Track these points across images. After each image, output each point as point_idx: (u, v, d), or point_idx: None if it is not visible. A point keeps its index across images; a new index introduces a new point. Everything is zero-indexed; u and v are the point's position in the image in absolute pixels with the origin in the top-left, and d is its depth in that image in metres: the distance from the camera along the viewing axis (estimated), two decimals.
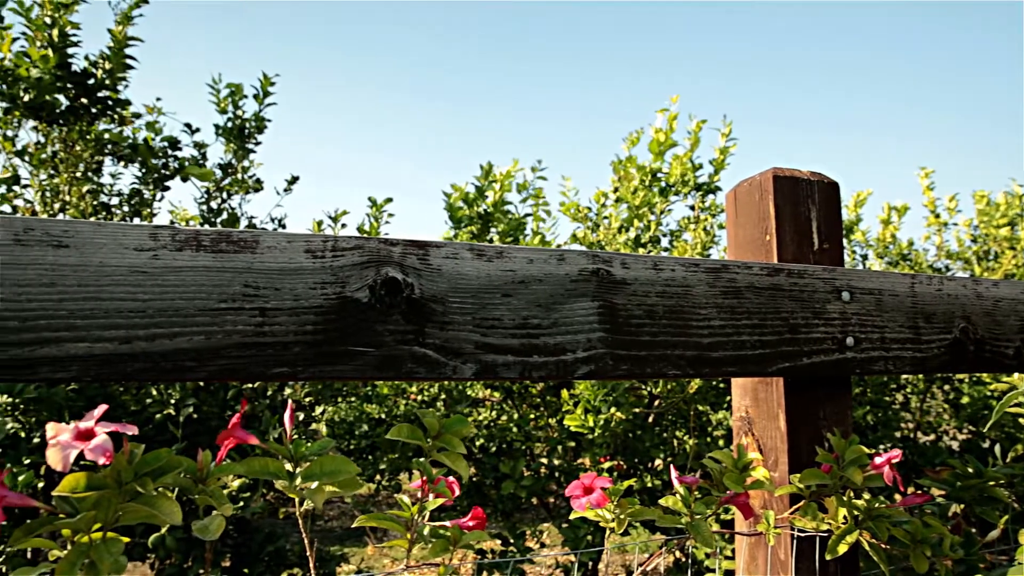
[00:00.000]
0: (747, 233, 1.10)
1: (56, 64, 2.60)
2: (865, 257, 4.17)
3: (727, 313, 0.90)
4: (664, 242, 3.34)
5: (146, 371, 0.63)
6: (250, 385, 2.78)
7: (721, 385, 3.05)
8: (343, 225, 3.06)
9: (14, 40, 2.76)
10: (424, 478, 0.75)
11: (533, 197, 3.26)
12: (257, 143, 3.26)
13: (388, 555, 6.11)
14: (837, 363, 0.97)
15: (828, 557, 0.91)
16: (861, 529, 0.92)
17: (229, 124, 3.25)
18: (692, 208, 3.28)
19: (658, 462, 3.33)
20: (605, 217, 3.42)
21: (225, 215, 2.97)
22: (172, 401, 2.45)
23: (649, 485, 3.17)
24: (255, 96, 3.28)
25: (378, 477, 4.08)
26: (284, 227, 3.37)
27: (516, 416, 3.32)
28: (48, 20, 2.64)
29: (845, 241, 3.88)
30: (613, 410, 2.82)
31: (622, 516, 0.90)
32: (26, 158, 2.54)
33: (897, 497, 1.04)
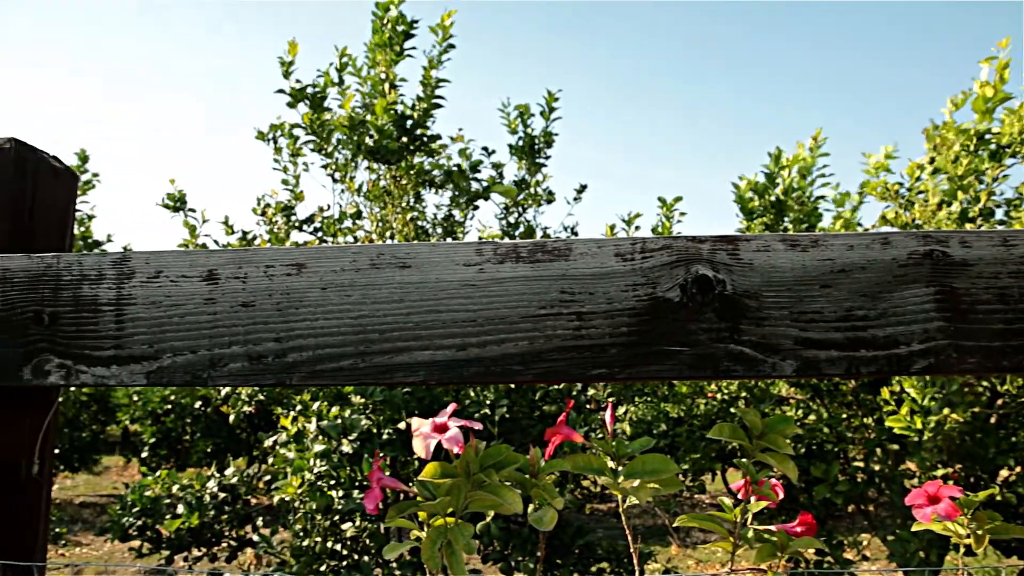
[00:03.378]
0: None
1: (387, 111, 3.00)
2: None
3: None
4: (999, 213, 2.87)
5: (480, 375, 0.69)
6: (557, 387, 2.94)
7: None
8: (636, 228, 3.10)
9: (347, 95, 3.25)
10: (746, 479, 0.73)
11: (821, 176, 3.01)
12: (547, 157, 3.44)
13: (692, 556, 6.04)
14: None
15: None
16: None
17: (520, 142, 3.47)
18: None
19: (1004, 471, 2.86)
20: (920, 192, 3.03)
21: (522, 228, 3.19)
22: (487, 402, 2.68)
23: (999, 499, 2.73)
24: (541, 113, 3.47)
25: (680, 477, 4.05)
26: (577, 234, 3.51)
27: (826, 415, 3.08)
28: (382, 75, 3.06)
29: None
30: (946, 411, 2.48)
31: (979, 532, 0.79)
32: (362, 195, 2.97)
33: None
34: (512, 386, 2.87)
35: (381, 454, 2.29)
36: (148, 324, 0.77)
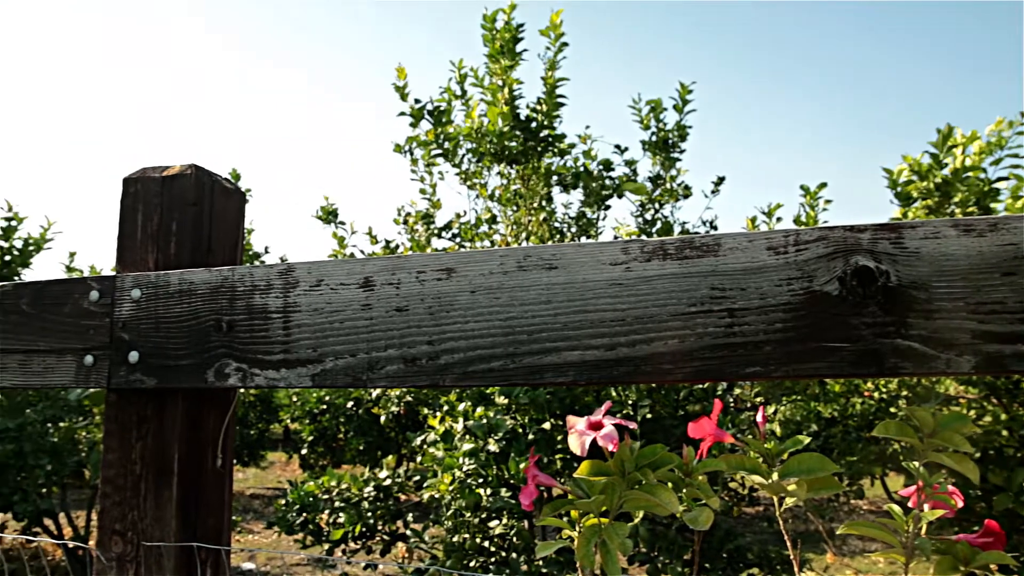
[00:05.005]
0: None
1: (508, 116, 3.06)
2: None
3: None
4: None
5: (629, 374, 0.69)
6: (701, 386, 2.86)
7: None
8: (778, 219, 2.97)
9: (466, 104, 3.33)
10: (918, 483, 0.68)
11: (1014, 156, 2.74)
12: (681, 151, 3.36)
13: (850, 566, 5.68)
14: None
15: None
16: None
17: (653, 138, 3.42)
18: None
19: None
20: None
21: (659, 224, 3.13)
22: (629, 402, 2.65)
23: None
24: (674, 107, 3.39)
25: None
26: (716, 228, 3.40)
27: (1004, 417, 2.81)
28: (499, 82, 3.12)
29: None
30: None
31: None
32: (495, 200, 3.03)
33: None
34: (654, 385, 2.83)
35: (527, 453, 2.32)
36: (312, 330, 0.82)
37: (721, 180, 3.50)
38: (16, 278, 4.89)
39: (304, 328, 0.82)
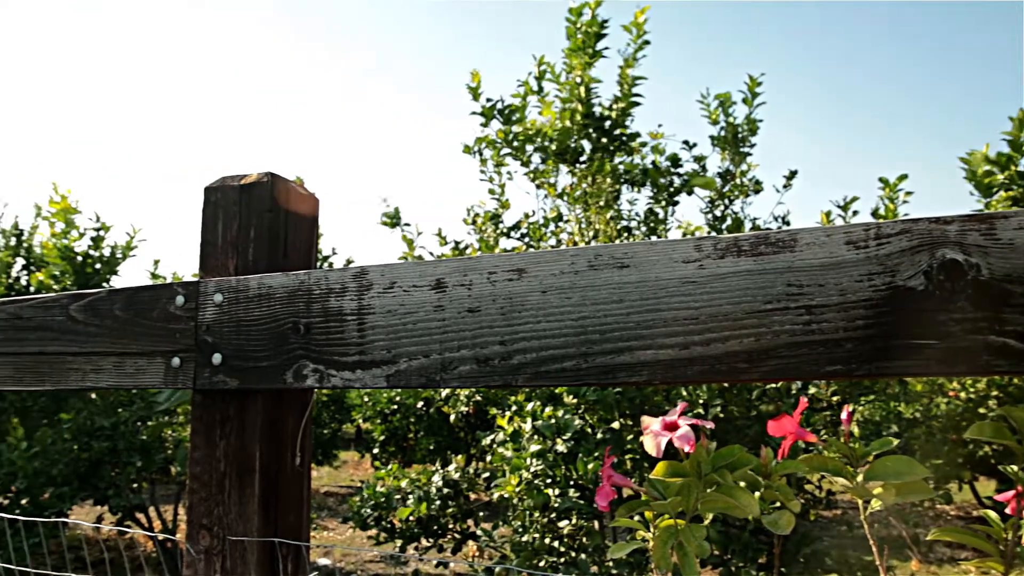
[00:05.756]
0: None
1: (583, 114, 3.05)
2: None
3: None
4: None
5: (703, 374, 0.68)
6: (775, 385, 2.79)
7: None
8: (855, 212, 2.87)
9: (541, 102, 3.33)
10: (1017, 488, 0.65)
11: None
12: (751, 145, 3.29)
13: (937, 574, 5.43)
14: None
15: None
16: None
17: (722, 133, 3.35)
18: None
19: None
20: None
21: (729, 220, 3.07)
22: (700, 402, 2.60)
23: None
24: (744, 100, 3.32)
25: None
26: (788, 224, 3.32)
27: None
28: (577, 79, 3.12)
29: None
30: None
31: None
32: (564, 198, 3.02)
33: None
34: (725, 384, 2.77)
35: (596, 453, 2.31)
36: (386, 331, 0.84)
37: (793, 174, 3.40)
38: (105, 284, 5.15)
39: (378, 330, 0.84)
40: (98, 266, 5.10)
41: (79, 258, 5.00)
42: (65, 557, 4.71)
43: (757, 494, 0.69)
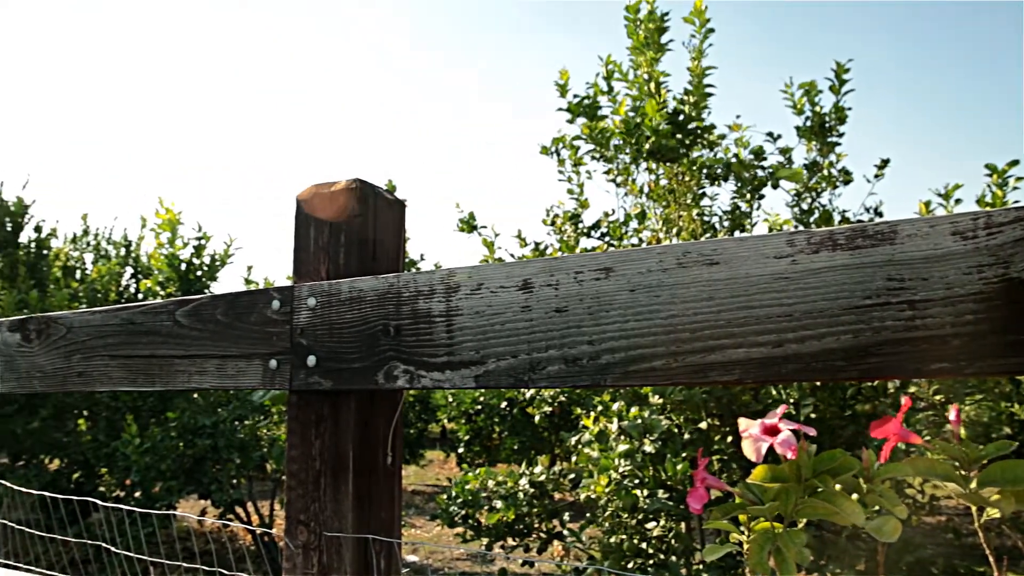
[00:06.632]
0: None
1: (656, 110, 2.99)
2: None
3: None
4: None
5: (798, 371, 0.66)
6: (871, 384, 2.68)
7: None
8: (957, 201, 2.71)
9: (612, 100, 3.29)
10: None
11: None
12: (840, 135, 3.16)
13: None
14: None
15: None
16: None
17: (808, 123, 3.23)
18: None
19: None
20: None
21: (817, 214, 2.96)
22: (791, 401, 2.52)
23: None
24: (831, 88, 3.19)
25: None
26: (881, 215, 3.17)
27: None
28: (645, 75, 3.07)
29: None
30: None
31: None
32: (645, 196, 2.98)
33: None
34: (817, 383, 2.67)
35: (683, 454, 2.27)
36: (474, 332, 0.85)
37: (885, 163, 3.24)
38: (206, 291, 5.42)
39: (467, 331, 0.85)
40: (199, 273, 5.38)
41: (183, 266, 5.29)
42: (176, 547, 4.99)
43: (856, 496, 0.67)
